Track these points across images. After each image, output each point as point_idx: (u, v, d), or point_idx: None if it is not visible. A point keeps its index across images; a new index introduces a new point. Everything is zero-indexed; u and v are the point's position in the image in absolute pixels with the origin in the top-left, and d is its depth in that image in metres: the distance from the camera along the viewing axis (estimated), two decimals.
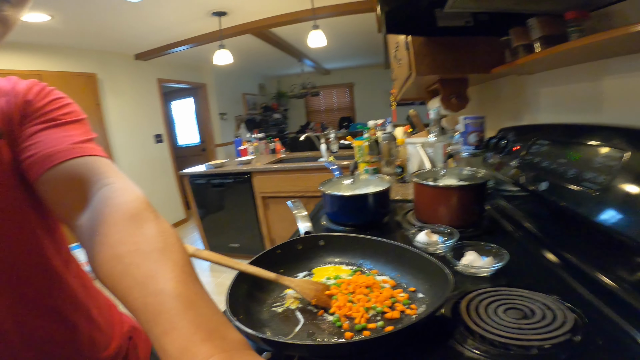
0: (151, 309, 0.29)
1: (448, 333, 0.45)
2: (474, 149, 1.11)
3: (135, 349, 0.62)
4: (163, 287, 0.30)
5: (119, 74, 3.73)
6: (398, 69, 1.61)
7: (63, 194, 0.42)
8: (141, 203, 0.39)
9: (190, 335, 0.26)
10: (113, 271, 0.33)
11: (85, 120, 0.51)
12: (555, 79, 0.88)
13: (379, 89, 7.01)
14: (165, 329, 0.27)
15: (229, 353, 0.26)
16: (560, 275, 0.58)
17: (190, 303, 0.29)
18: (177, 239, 0.36)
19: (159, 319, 0.28)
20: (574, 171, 0.57)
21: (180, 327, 0.27)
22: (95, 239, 0.36)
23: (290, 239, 0.74)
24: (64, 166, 0.43)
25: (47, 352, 0.48)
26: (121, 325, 0.63)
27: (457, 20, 0.90)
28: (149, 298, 0.29)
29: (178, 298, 0.29)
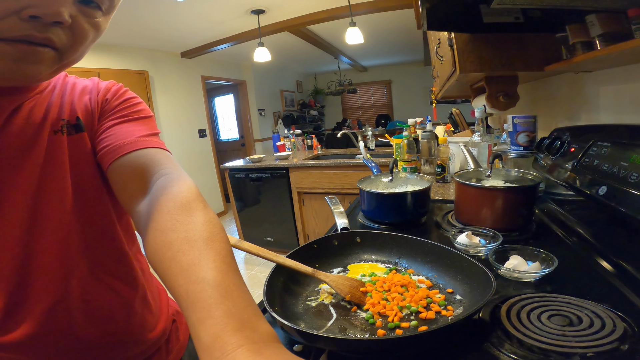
0: (192, 296, 0.30)
1: (484, 337, 0.44)
2: (523, 150, 1.05)
3: (176, 332, 0.67)
4: (204, 275, 0.31)
5: (168, 71, 3.95)
6: (440, 66, 1.56)
7: (127, 181, 0.47)
8: (193, 193, 0.42)
9: (223, 324, 0.27)
10: (163, 257, 0.35)
11: (152, 118, 0.57)
12: (617, 77, 0.81)
13: (417, 86, 6.82)
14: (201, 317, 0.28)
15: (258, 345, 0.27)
16: (613, 284, 0.55)
17: (227, 293, 0.30)
18: (221, 229, 0.38)
19: (196, 306, 0.29)
20: (636, 175, 0.52)
21: (215, 316, 0.28)
22: (150, 225, 0.39)
23: (327, 234, 0.74)
24: (130, 156, 0.48)
25: (105, 329, 0.53)
26: (167, 309, 0.67)
27: (505, 16, 0.85)
28: (190, 286, 0.31)
29: (217, 287, 0.30)
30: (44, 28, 0.37)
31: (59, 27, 0.38)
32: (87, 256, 0.51)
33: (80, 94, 0.53)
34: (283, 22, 3.27)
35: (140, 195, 0.45)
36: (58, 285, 0.48)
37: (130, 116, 0.54)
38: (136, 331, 0.57)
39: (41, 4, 0.35)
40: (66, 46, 0.40)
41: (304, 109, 7.01)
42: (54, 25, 0.37)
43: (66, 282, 0.49)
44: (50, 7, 0.35)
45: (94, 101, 0.53)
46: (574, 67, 0.85)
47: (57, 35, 0.38)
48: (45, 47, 0.38)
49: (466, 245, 0.69)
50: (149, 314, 0.61)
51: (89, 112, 0.52)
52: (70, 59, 0.43)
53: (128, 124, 0.52)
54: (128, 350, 0.56)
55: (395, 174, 1.04)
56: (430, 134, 1.59)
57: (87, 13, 0.40)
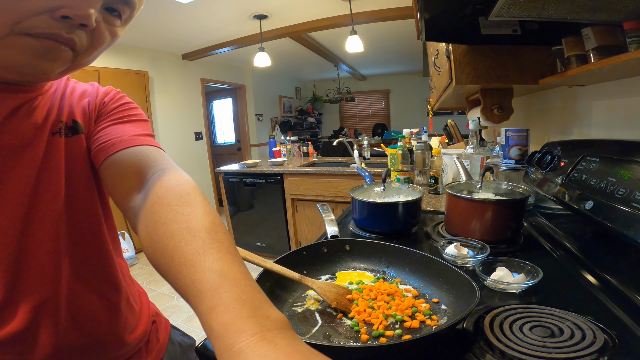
0: (199, 285, 0.29)
1: (467, 347, 0.44)
2: (514, 164, 1.06)
3: (156, 332, 0.66)
4: (210, 265, 0.31)
5: (168, 72, 3.96)
6: (437, 77, 1.58)
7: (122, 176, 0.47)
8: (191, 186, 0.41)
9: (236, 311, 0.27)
10: (165, 249, 0.34)
11: (148, 122, 0.58)
12: (609, 91, 0.82)
13: (415, 96, 6.89)
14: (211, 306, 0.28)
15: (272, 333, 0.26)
16: (597, 297, 0.55)
17: (235, 281, 0.29)
18: (221, 222, 0.38)
19: (205, 295, 0.28)
20: (623, 191, 0.53)
21: (225, 303, 0.27)
22: (149, 217, 0.38)
23: (317, 241, 0.74)
24: (125, 152, 0.49)
25: (89, 332, 0.53)
26: (148, 310, 0.67)
27: (503, 28, 0.86)
28: (197, 275, 0.30)
29: (224, 276, 0.30)
30: (71, 29, 0.39)
31: (83, 29, 0.40)
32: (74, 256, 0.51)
33: (79, 98, 0.54)
34: (285, 28, 3.30)
35: (135, 191, 0.45)
36: (47, 284, 0.48)
37: (126, 118, 0.55)
38: (119, 333, 0.56)
39: (75, 5, 0.37)
40: (83, 48, 0.42)
41: (302, 116, 7.04)
42: (80, 27, 0.39)
43: (55, 281, 0.48)
44: (82, 9, 0.37)
45: (92, 104, 0.55)
46: (567, 81, 0.86)
47: (79, 37, 0.40)
48: (66, 46, 0.40)
49: (454, 256, 0.69)
50: (131, 316, 0.60)
51: (86, 114, 0.54)
52: (82, 62, 0.44)
53: (124, 125, 0.53)
54: (109, 352, 0.55)
55: (388, 183, 1.04)
56: (425, 145, 1.60)
57: (109, 20, 0.43)
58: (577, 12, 0.67)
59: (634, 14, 0.60)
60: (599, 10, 0.64)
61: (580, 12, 0.67)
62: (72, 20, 0.37)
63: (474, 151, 1.27)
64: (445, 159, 1.50)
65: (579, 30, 0.70)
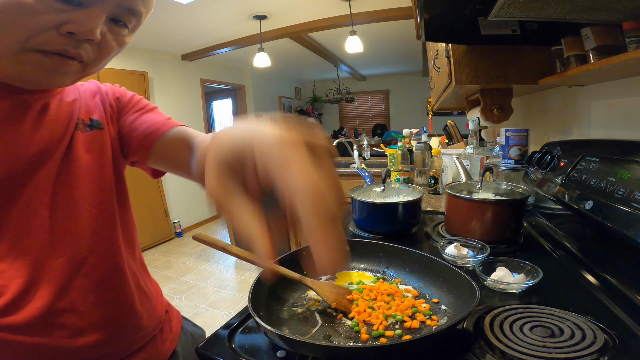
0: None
1: (467, 347, 0.44)
2: (514, 164, 1.06)
3: (169, 322, 0.69)
4: None
5: (167, 73, 3.96)
6: (436, 77, 1.58)
7: (178, 151, 0.58)
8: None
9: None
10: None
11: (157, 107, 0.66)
12: (609, 91, 0.82)
13: (415, 97, 6.89)
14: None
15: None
16: (597, 297, 0.55)
17: None
18: None
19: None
20: (623, 191, 0.53)
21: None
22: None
23: None
24: (169, 134, 0.59)
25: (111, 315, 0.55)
26: (161, 299, 0.69)
27: (502, 28, 0.86)
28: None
29: None
30: (77, 44, 0.41)
31: (89, 43, 0.42)
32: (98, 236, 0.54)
33: (90, 96, 0.59)
34: (284, 28, 3.30)
35: (190, 159, 0.57)
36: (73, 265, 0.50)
37: (145, 108, 0.62)
38: (136, 317, 0.59)
39: (79, 22, 0.39)
40: (91, 60, 0.44)
41: (302, 116, 7.03)
42: (86, 41, 0.41)
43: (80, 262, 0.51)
44: (86, 25, 0.39)
45: (106, 102, 0.60)
46: (566, 81, 0.86)
47: (86, 51, 0.42)
48: (74, 60, 0.42)
49: (454, 257, 0.69)
50: (147, 300, 0.62)
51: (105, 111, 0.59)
52: (92, 71, 0.46)
53: (148, 114, 0.61)
54: (128, 336, 0.57)
55: (388, 184, 1.04)
56: (425, 145, 1.60)
57: (115, 31, 0.44)
58: (576, 12, 0.67)
59: (633, 14, 0.60)
60: (598, 10, 0.64)
61: (579, 12, 0.67)
62: (77, 36, 0.39)
63: (473, 151, 1.27)
64: (445, 159, 1.50)
65: (578, 31, 0.70)
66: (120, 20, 0.44)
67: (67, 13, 0.38)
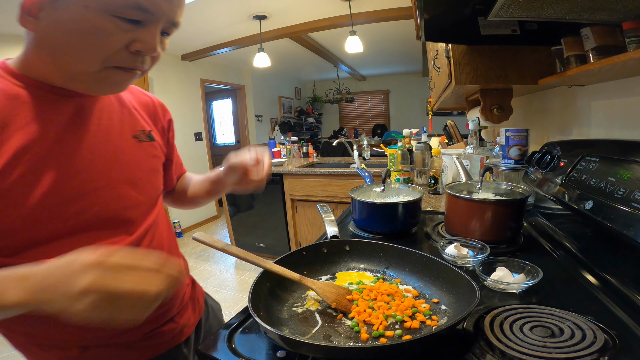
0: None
1: (467, 347, 0.44)
2: (514, 164, 1.06)
3: (196, 292, 0.79)
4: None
5: (168, 73, 3.95)
6: (436, 77, 1.58)
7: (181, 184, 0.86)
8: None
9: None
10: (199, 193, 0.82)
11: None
12: (608, 91, 0.82)
13: (415, 97, 6.89)
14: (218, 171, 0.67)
15: None
16: (597, 297, 0.55)
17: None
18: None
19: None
20: (623, 191, 0.53)
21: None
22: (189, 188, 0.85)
23: (317, 241, 0.74)
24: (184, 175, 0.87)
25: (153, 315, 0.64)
26: (188, 271, 0.79)
27: (502, 28, 0.86)
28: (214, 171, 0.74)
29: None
30: (143, 59, 0.50)
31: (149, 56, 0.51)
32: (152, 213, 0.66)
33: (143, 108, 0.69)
34: (284, 28, 3.30)
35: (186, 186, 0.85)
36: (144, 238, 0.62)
37: (173, 138, 0.78)
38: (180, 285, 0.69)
39: (143, 40, 0.47)
40: (148, 68, 0.53)
41: (302, 116, 7.03)
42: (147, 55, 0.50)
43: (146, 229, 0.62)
44: (150, 43, 0.48)
45: (160, 119, 0.73)
46: (566, 81, 0.86)
47: (147, 62, 0.51)
48: (140, 71, 0.52)
49: (454, 257, 0.69)
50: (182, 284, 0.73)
51: (157, 127, 0.71)
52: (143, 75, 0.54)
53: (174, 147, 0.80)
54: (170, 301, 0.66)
55: (388, 184, 1.04)
56: (425, 146, 1.60)
57: (162, 41, 0.52)
58: (576, 12, 0.67)
59: (633, 14, 0.60)
60: (598, 10, 0.64)
61: (579, 12, 0.67)
62: (143, 53, 0.49)
63: (473, 151, 1.27)
64: (445, 159, 1.50)
65: (578, 31, 0.70)
66: (166, 33, 0.52)
67: (132, 32, 0.46)
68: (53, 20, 0.45)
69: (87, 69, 0.48)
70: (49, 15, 0.44)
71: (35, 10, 0.44)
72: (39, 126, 0.49)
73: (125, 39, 0.46)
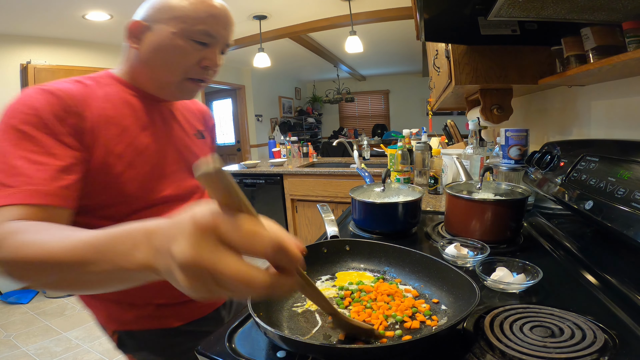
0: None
1: (467, 347, 0.44)
2: (514, 164, 1.06)
3: None
4: None
5: None
6: (436, 77, 1.58)
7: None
8: None
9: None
10: None
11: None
12: (608, 91, 0.82)
13: (415, 97, 6.89)
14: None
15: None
16: (597, 297, 0.55)
17: None
18: None
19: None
20: (623, 190, 0.53)
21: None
22: None
23: (317, 241, 0.74)
24: None
25: None
26: None
27: (502, 28, 0.86)
28: None
29: None
30: (208, 72, 0.67)
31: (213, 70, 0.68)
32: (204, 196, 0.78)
33: (198, 112, 0.87)
34: (284, 28, 3.30)
35: None
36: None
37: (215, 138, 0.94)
38: None
39: (210, 58, 0.65)
40: (210, 80, 0.70)
41: (302, 116, 7.04)
42: (213, 70, 0.68)
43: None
44: (214, 60, 0.66)
45: (208, 123, 0.90)
46: (566, 81, 0.86)
47: (211, 75, 0.69)
48: (206, 82, 0.70)
49: (454, 257, 0.69)
50: None
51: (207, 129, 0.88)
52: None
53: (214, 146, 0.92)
54: None
55: (388, 184, 1.04)
56: (425, 145, 1.60)
57: (221, 59, 0.68)
58: (576, 12, 0.67)
59: (632, 14, 0.60)
60: (598, 10, 0.64)
61: (579, 12, 0.67)
62: (209, 67, 0.66)
63: (473, 151, 1.27)
64: (445, 159, 1.50)
65: (578, 31, 0.70)
66: (223, 52, 0.69)
67: (202, 51, 0.64)
68: (150, 42, 0.62)
69: (172, 79, 0.65)
70: (147, 37, 0.62)
71: (139, 34, 0.63)
72: (143, 125, 0.66)
73: (197, 57, 0.64)
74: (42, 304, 2.58)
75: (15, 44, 2.77)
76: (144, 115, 0.67)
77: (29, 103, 0.53)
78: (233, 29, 0.68)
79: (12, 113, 0.53)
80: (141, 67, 0.65)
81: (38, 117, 0.53)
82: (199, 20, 0.61)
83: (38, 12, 2.43)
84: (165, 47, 0.61)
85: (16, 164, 0.49)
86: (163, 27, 0.61)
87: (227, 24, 0.66)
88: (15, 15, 2.42)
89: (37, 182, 0.49)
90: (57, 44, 3.01)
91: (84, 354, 1.93)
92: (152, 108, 0.69)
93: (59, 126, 0.54)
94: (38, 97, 0.54)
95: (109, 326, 0.71)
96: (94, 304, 0.70)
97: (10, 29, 2.66)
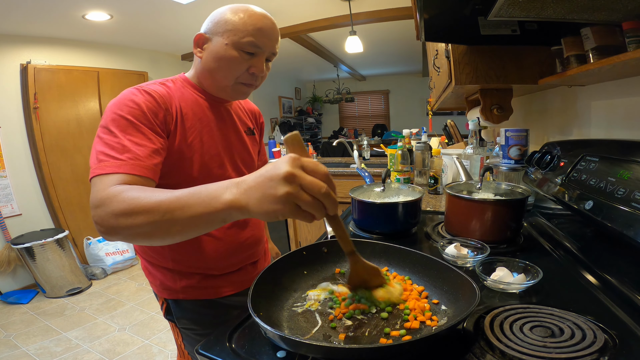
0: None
1: (467, 347, 0.44)
2: (514, 164, 1.06)
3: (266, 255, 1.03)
4: None
5: (167, 73, 3.92)
6: (436, 77, 1.58)
7: None
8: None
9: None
10: None
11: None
12: (608, 91, 0.82)
13: (414, 97, 6.89)
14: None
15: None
16: (597, 297, 0.55)
17: None
18: None
19: None
20: (623, 190, 0.53)
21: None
22: None
23: (317, 241, 0.74)
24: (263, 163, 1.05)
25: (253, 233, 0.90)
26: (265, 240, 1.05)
27: (502, 28, 0.86)
28: None
29: None
30: (256, 78, 0.78)
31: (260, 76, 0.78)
32: None
33: (249, 112, 0.98)
34: (284, 28, 3.30)
35: None
36: None
37: (263, 135, 1.04)
38: (261, 235, 0.95)
39: (257, 66, 0.76)
40: (258, 84, 0.81)
41: (302, 116, 7.04)
42: (259, 76, 0.78)
43: None
44: (260, 68, 0.76)
45: (258, 121, 1.03)
46: (566, 81, 0.86)
47: (258, 81, 0.79)
48: (254, 87, 0.81)
49: (454, 257, 0.69)
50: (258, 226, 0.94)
51: (257, 126, 1.01)
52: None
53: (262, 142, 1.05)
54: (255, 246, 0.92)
55: (388, 184, 1.04)
56: (425, 145, 1.60)
57: (267, 66, 0.79)
58: (576, 12, 0.67)
59: (632, 14, 0.60)
60: (598, 10, 0.64)
61: (579, 12, 0.67)
62: (256, 74, 0.76)
63: (473, 151, 1.27)
64: (445, 159, 1.50)
65: (578, 31, 0.70)
66: (268, 59, 0.79)
67: (249, 60, 0.74)
68: (210, 51, 0.75)
69: (227, 83, 0.77)
70: (208, 47, 0.75)
71: (202, 44, 0.77)
72: (207, 121, 0.80)
73: (246, 65, 0.74)
74: (42, 304, 2.57)
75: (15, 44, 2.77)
76: (209, 113, 0.81)
77: (133, 99, 0.67)
78: (278, 39, 0.78)
79: (120, 106, 0.66)
80: (204, 72, 0.78)
81: (140, 110, 0.67)
82: (247, 32, 0.72)
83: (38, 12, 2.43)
84: (220, 56, 0.73)
85: (125, 144, 0.62)
86: (219, 39, 0.73)
87: (272, 35, 0.76)
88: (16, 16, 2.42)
89: (140, 158, 0.62)
90: (57, 44, 3.01)
91: (84, 354, 1.93)
92: (214, 107, 0.83)
93: (154, 118, 0.69)
94: (139, 95, 0.69)
95: (160, 295, 0.85)
96: (153, 272, 0.83)
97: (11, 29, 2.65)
